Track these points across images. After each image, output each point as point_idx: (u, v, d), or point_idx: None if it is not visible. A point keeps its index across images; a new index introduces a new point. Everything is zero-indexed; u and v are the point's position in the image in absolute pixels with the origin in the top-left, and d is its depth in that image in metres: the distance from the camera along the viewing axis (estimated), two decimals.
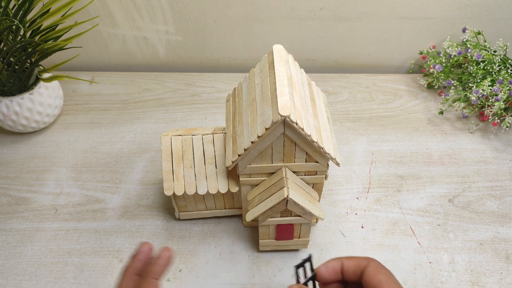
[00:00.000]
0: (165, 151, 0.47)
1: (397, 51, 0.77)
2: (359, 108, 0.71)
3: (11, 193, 0.59)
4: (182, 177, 0.47)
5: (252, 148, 0.41)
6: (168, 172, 0.47)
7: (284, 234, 0.48)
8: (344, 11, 0.71)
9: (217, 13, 0.72)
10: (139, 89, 0.74)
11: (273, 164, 0.44)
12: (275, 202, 0.42)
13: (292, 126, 0.39)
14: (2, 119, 0.61)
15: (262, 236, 0.49)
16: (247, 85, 0.47)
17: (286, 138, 0.41)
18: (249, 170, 0.44)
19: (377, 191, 0.58)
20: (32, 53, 0.56)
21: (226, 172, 0.47)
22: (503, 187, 0.59)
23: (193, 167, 0.47)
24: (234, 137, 0.45)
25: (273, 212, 0.44)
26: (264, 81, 0.43)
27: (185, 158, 0.47)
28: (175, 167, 0.47)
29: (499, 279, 0.49)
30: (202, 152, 0.47)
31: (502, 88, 0.63)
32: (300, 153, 0.43)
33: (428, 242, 0.53)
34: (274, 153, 0.43)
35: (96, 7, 0.70)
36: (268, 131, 0.39)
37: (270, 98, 0.41)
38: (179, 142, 0.47)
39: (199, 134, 0.48)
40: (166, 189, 0.46)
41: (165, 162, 0.47)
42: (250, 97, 0.45)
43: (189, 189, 0.47)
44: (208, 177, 0.47)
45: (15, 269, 0.51)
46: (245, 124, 0.43)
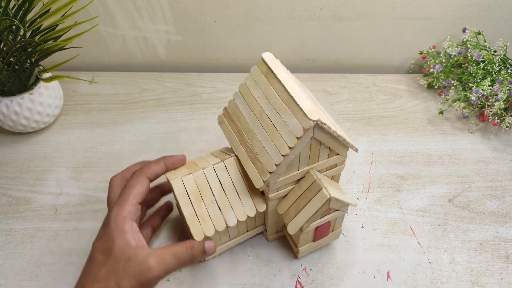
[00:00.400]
0: (181, 196, 0.43)
1: (397, 51, 0.77)
2: (359, 108, 0.71)
3: (11, 193, 0.59)
4: (208, 216, 0.43)
5: (284, 161, 0.40)
6: (191, 217, 0.43)
7: (322, 233, 0.47)
8: (344, 11, 0.71)
9: (217, 13, 0.72)
10: (139, 89, 0.74)
11: (300, 171, 0.43)
12: (319, 206, 0.41)
13: (323, 128, 0.39)
14: (2, 119, 0.61)
15: (302, 243, 0.47)
16: (242, 101, 0.45)
17: (313, 141, 0.41)
18: (278, 184, 0.43)
19: (377, 191, 0.58)
20: (32, 53, 0.56)
21: (249, 193, 0.45)
22: (503, 187, 0.59)
23: (215, 201, 0.44)
24: (253, 157, 0.43)
25: (317, 216, 0.43)
26: (267, 92, 0.42)
27: (204, 195, 0.44)
28: (196, 208, 0.43)
29: (499, 279, 0.49)
30: (219, 183, 0.44)
31: (502, 88, 0.63)
32: (324, 151, 0.43)
33: (428, 242, 0.53)
34: (301, 159, 0.42)
35: (96, 7, 0.70)
36: (300, 139, 0.38)
37: (288, 107, 0.40)
38: (192, 182, 0.44)
39: (209, 165, 0.45)
40: (195, 234, 0.42)
41: (185, 207, 0.43)
42: (254, 112, 0.43)
43: (219, 226, 0.43)
44: (233, 205, 0.44)
45: (15, 269, 0.51)
46: (263, 140, 0.42)
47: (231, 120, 0.46)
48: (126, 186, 0.43)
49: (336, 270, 0.50)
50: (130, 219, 0.41)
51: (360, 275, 0.49)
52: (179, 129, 0.67)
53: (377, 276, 0.49)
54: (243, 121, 0.45)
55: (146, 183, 0.43)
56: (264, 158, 0.41)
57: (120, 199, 0.42)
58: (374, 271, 0.50)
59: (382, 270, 0.50)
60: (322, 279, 0.49)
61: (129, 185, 0.43)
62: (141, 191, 0.43)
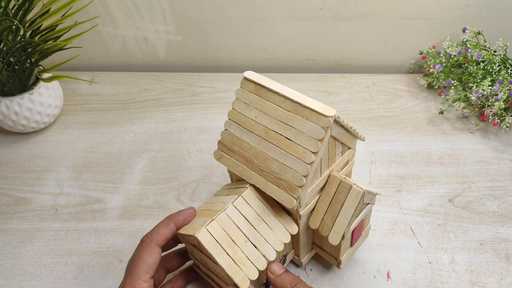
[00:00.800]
0: (213, 247, 0.39)
1: (397, 51, 0.77)
2: (359, 108, 0.71)
3: (11, 193, 0.59)
4: (246, 258, 0.39)
5: (311, 170, 0.38)
6: (231, 266, 0.38)
7: (357, 234, 0.45)
8: (344, 11, 0.71)
9: (217, 13, 0.72)
10: (139, 89, 0.74)
11: (322, 176, 0.41)
12: (356, 204, 0.39)
13: (340, 122, 0.38)
14: (2, 119, 0.61)
15: (343, 251, 0.44)
16: (238, 128, 0.42)
17: (330, 140, 0.39)
18: (307, 197, 0.40)
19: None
20: (32, 53, 0.56)
21: (277, 219, 0.42)
22: (503, 187, 0.59)
23: (248, 240, 0.40)
24: (274, 178, 0.40)
25: (355, 217, 0.41)
26: (265, 108, 0.40)
27: (234, 238, 0.40)
28: (232, 254, 0.39)
29: (499, 279, 0.49)
30: (245, 219, 0.41)
31: (502, 88, 0.63)
32: (338, 148, 0.41)
33: (428, 242, 0.53)
34: (322, 163, 0.40)
35: (96, 7, 0.70)
36: (323, 141, 0.37)
37: (296, 114, 0.38)
38: (218, 228, 0.39)
39: (228, 205, 0.41)
40: (240, 283, 0.38)
41: (220, 258, 0.38)
42: (257, 133, 0.41)
43: (259, 265, 0.39)
44: (267, 238, 0.41)
45: (15, 269, 0.51)
46: (279, 157, 0.39)
47: (231, 151, 0.43)
48: (135, 258, 0.39)
49: (336, 270, 0.50)
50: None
51: (360, 275, 0.49)
52: (179, 129, 0.67)
53: (377, 276, 0.49)
54: (247, 147, 0.41)
55: (157, 252, 0.40)
56: (288, 174, 0.38)
57: (131, 275, 0.38)
58: (374, 271, 0.50)
59: (382, 270, 0.50)
60: (322, 279, 0.49)
61: (139, 257, 0.39)
62: (151, 263, 0.39)
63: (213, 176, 0.60)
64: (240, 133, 0.42)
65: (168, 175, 0.60)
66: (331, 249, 0.46)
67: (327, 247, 0.46)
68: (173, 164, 0.62)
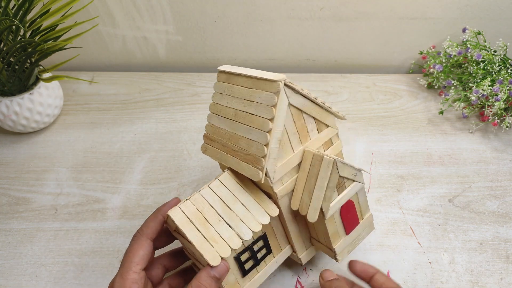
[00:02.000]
0: (184, 225, 0.39)
1: (397, 51, 0.77)
2: (359, 108, 0.71)
3: (11, 193, 0.59)
4: (219, 236, 0.39)
5: (272, 138, 0.38)
6: (202, 243, 0.38)
7: (351, 220, 0.43)
8: (344, 11, 0.71)
9: (217, 13, 0.72)
10: (139, 89, 0.74)
11: (295, 152, 0.41)
12: (328, 174, 0.38)
13: (295, 89, 0.38)
14: (2, 119, 0.61)
15: (334, 237, 0.43)
16: (216, 118, 0.44)
17: (292, 110, 0.39)
18: (279, 173, 0.40)
19: (377, 191, 0.58)
20: (32, 53, 0.56)
21: (256, 202, 0.42)
22: (503, 187, 0.59)
23: (222, 219, 0.40)
24: (243, 156, 0.40)
25: (331, 190, 0.39)
26: (232, 91, 0.42)
27: (208, 217, 0.40)
28: (204, 232, 0.39)
29: (499, 279, 0.49)
30: (220, 200, 0.41)
31: (502, 88, 0.63)
32: (310, 123, 0.41)
33: (428, 242, 0.53)
34: (290, 136, 0.40)
35: (96, 7, 0.70)
36: (277, 106, 0.37)
37: (254, 88, 0.39)
38: (191, 206, 0.40)
39: (204, 187, 0.42)
40: (211, 260, 0.37)
41: (191, 234, 0.38)
42: (229, 116, 0.42)
43: (233, 243, 0.39)
44: (243, 218, 0.40)
45: (15, 269, 0.51)
46: (246, 133, 0.40)
47: (213, 141, 0.44)
48: (127, 252, 0.39)
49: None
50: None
51: None
52: (179, 129, 0.67)
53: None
54: (223, 132, 0.43)
55: (148, 245, 0.40)
56: (253, 148, 0.39)
57: (122, 267, 0.38)
58: None
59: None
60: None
61: (130, 250, 0.40)
62: (143, 255, 0.39)
63: (213, 176, 0.60)
64: (218, 121, 0.44)
65: (168, 175, 0.60)
66: (324, 237, 0.44)
67: (321, 236, 0.44)
68: (173, 164, 0.62)
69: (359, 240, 0.46)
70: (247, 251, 0.41)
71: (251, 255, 0.41)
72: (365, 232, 0.46)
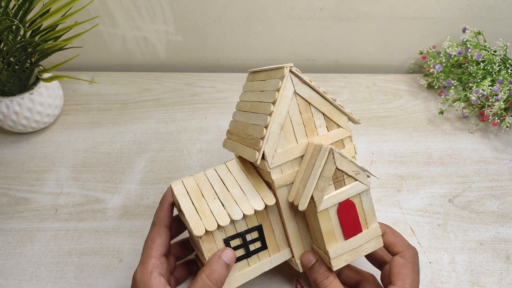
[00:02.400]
0: (180, 195, 0.41)
1: (397, 51, 0.77)
2: (359, 108, 0.71)
3: (11, 193, 0.59)
4: (209, 211, 0.40)
5: (272, 121, 0.38)
6: (192, 214, 0.39)
7: (350, 224, 0.40)
8: (344, 11, 0.71)
9: (217, 13, 0.72)
10: (139, 89, 0.74)
11: (299, 144, 0.40)
12: (322, 162, 0.37)
13: (300, 77, 0.39)
14: (2, 119, 0.61)
15: (329, 239, 0.40)
16: (238, 114, 0.46)
17: (299, 100, 0.39)
18: (278, 159, 0.40)
19: (377, 191, 0.58)
20: (32, 53, 0.56)
21: (256, 190, 0.42)
22: (503, 187, 0.59)
23: (217, 197, 0.41)
24: (248, 140, 0.41)
25: (325, 180, 0.38)
26: (254, 86, 0.44)
27: (204, 192, 0.41)
28: (197, 205, 0.40)
29: (499, 279, 0.49)
30: (221, 181, 0.42)
31: (502, 88, 0.63)
32: (319, 119, 0.41)
33: (428, 242, 0.53)
34: (295, 126, 0.40)
35: (96, 7, 0.70)
36: (280, 91, 0.38)
37: (268, 78, 0.41)
38: (192, 182, 0.42)
39: (210, 168, 0.43)
40: (194, 227, 0.38)
41: (185, 204, 0.40)
42: (246, 109, 0.44)
43: (222, 220, 0.39)
44: (238, 200, 0.40)
45: (15, 269, 0.51)
46: (254, 119, 0.41)
47: (232, 134, 0.46)
48: (145, 242, 0.42)
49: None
50: (157, 273, 0.39)
51: None
52: (179, 129, 0.67)
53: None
54: (240, 125, 0.44)
55: (164, 232, 0.42)
56: (256, 131, 0.39)
57: (143, 256, 0.40)
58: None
59: None
60: None
61: (148, 239, 0.42)
62: (161, 242, 0.41)
63: None
64: (238, 116, 0.46)
65: (168, 175, 0.60)
66: (319, 239, 0.41)
67: (317, 238, 0.42)
68: (173, 164, 0.62)
69: (361, 252, 0.41)
70: (239, 237, 0.41)
71: (243, 243, 0.41)
72: (369, 245, 0.42)
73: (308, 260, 0.41)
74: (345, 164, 0.38)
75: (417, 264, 0.41)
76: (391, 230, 0.43)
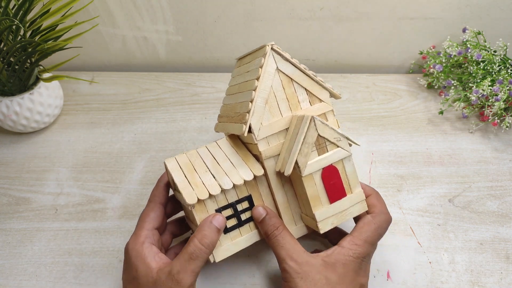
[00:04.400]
0: (174, 170, 0.43)
1: (397, 51, 0.77)
2: (359, 108, 0.71)
3: (11, 193, 0.59)
4: (201, 183, 0.42)
5: (257, 96, 0.41)
6: (185, 185, 0.41)
7: (335, 188, 0.42)
8: (344, 11, 0.71)
9: (217, 13, 0.72)
10: (139, 89, 0.74)
11: (284, 117, 0.43)
12: (305, 129, 0.40)
13: (282, 54, 0.41)
14: (2, 119, 0.61)
15: (314, 201, 0.42)
16: (227, 98, 0.49)
17: (281, 76, 0.42)
18: (264, 131, 0.42)
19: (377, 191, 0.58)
20: (32, 53, 0.56)
21: (244, 162, 0.44)
22: (503, 187, 0.59)
23: (208, 171, 0.43)
24: (236, 117, 0.43)
25: (308, 146, 0.40)
26: (240, 70, 0.47)
27: (196, 167, 0.43)
28: (190, 178, 0.42)
29: (499, 279, 0.49)
30: (212, 157, 0.44)
31: (502, 88, 0.63)
32: (302, 94, 0.43)
33: (428, 242, 0.53)
34: (279, 101, 0.42)
35: (96, 7, 0.70)
36: (263, 67, 0.40)
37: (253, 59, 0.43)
38: (185, 158, 0.44)
39: (202, 146, 0.45)
40: (186, 196, 0.40)
41: (178, 177, 0.42)
42: (234, 92, 0.46)
43: (213, 190, 0.41)
44: (228, 172, 0.43)
45: (15, 269, 0.51)
46: (242, 98, 0.43)
47: (221, 117, 0.48)
48: (139, 217, 0.44)
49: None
50: (149, 242, 0.41)
51: None
52: (179, 129, 0.67)
53: (377, 276, 0.49)
54: (229, 107, 0.46)
55: (158, 208, 0.44)
56: (243, 107, 0.42)
57: (136, 229, 0.43)
58: (374, 271, 0.50)
59: (382, 270, 0.50)
60: None
61: (142, 214, 0.44)
62: (154, 216, 0.43)
63: None
64: (227, 100, 0.48)
65: None
66: (306, 205, 0.43)
67: (304, 205, 0.44)
68: None
69: (347, 215, 0.44)
70: (230, 207, 0.43)
71: (234, 213, 0.43)
72: (354, 209, 0.44)
73: (258, 213, 0.43)
74: (326, 131, 0.41)
75: (382, 228, 0.43)
76: (376, 195, 0.46)
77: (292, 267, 0.40)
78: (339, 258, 0.41)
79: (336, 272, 0.40)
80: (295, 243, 0.42)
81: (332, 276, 0.40)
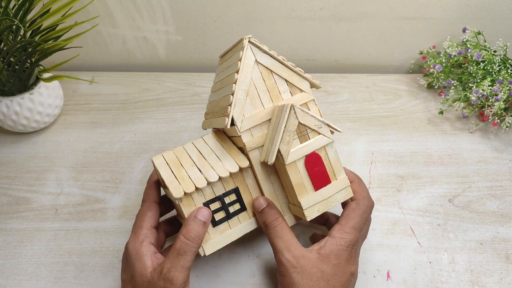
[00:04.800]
0: (161, 166, 0.43)
1: (397, 51, 0.77)
2: (359, 108, 0.71)
3: (11, 193, 0.59)
4: (187, 177, 0.42)
5: (237, 88, 0.41)
6: (171, 179, 0.42)
7: (319, 175, 0.42)
8: (344, 11, 0.71)
9: (217, 13, 0.72)
10: (139, 89, 0.74)
11: (265, 108, 0.43)
12: (285, 118, 0.40)
13: (260, 47, 0.42)
14: (2, 119, 0.61)
15: (299, 189, 0.42)
16: (211, 95, 0.49)
17: (261, 68, 0.43)
18: (247, 123, 0.42)
19: (377, 191, 0.58)
20: (32, 53, 0.56)
21: (229, 155, 0.44)
22: (503, 187, 0.59)
23: (195, 165, 0.43)
24: (220, 111, 0.44)
25: (289, 134, 0.41)
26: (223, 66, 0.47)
27: (183, 162, 0.44)
28: (176, 173, 0.43)
29: (499, 279, 0.49)
30: (198, 152, 0.45)
31: (502, 88, 0.63)
32: (282, 85, 0.44)
33: (428, 242, 0.53)
34: (260, 93, 0.43)
35: (96, 7, 0.70)
36: (242, 60, 0.41)
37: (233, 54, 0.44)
38: (171, 154, 0.45)
39: (189, 142, 0.46)
40: (173, 190, 0.41)
41: (165, 173, 0.43)
42: (218, 88, 0.47)
43: (199, 183, 0.42)
44: (213, 165, 0.43)
45: (15, 269, 0.51)
46: (224, 92, 0.44)
47: (207, 114, 0.49)
48: (136, 216, 0.45)
49: None
50: (147, 242, 0.42)
51: (360, 275, 0.49)
52: (179, 129, 0.67)
53: (377, 276, 0.49)
54: (214, 103, 0.47)
55: (154, 206, 0.45)
56: (225, 101, 0.43)
57: (134, 227, 0.43)
58: (374, 271, 0.50)
59: (382, 270, 0.50)
60: None
61: (139, 213, 0.44)
62: (151, 215, 0.44)
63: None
64: (212, 97, 0.49)
65: None
66: (291, 193, 0.43)
67: (290, 193, 0.44)
68: None
69: (333, 202, 0.44)
70: (218, 200, 0.43)
71: (222, 206, 0.44)
72: (340, 196, 0.44)
73: (259, 204, 0.43)
74: (307, 118, 0.41)
75: (367, 213, 0.44)
76: (359, 181, 0.47)
77: (289, 260, 0.41)
78: (332, 248, 0.41)
79: (330, 263, 0.41)
80: (293, 236, 0.42)
81: (327, 268, 0.41)
